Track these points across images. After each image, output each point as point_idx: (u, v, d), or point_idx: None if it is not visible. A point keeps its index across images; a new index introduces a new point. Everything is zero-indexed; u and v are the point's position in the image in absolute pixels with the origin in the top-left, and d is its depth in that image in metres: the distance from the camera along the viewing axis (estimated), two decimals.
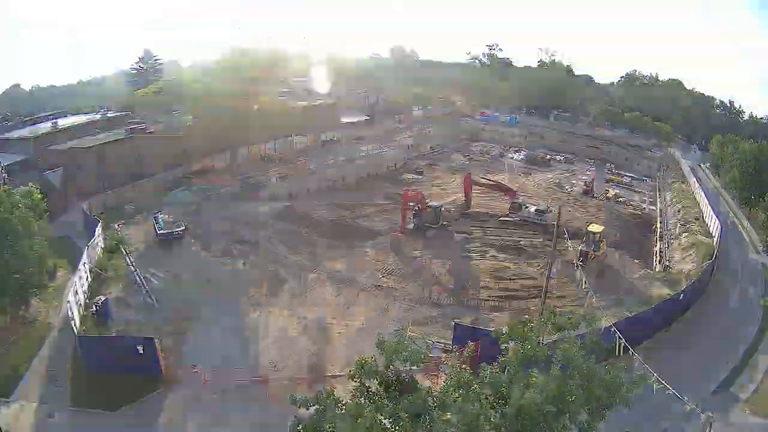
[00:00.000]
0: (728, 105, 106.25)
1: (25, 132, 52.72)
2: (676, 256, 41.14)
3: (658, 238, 45.47)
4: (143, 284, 32.42)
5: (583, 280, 34.77)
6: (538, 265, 37.57)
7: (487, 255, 39.70)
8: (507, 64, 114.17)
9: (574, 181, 64.80)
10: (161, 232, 39.15)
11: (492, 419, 11.43)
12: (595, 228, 39.17)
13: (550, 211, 44.80)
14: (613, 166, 74.47)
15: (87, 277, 31.69)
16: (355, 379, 13.64)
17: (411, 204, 43.62)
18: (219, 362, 24.93)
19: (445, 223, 44.42)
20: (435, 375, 22.15)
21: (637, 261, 40.51)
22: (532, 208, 46.75)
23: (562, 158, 79.30)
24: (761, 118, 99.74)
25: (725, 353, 27.75)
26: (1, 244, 25.49)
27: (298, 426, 13.50)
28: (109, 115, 61.66)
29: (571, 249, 38.12)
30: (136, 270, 34.25)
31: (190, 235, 40.00)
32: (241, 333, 28.12)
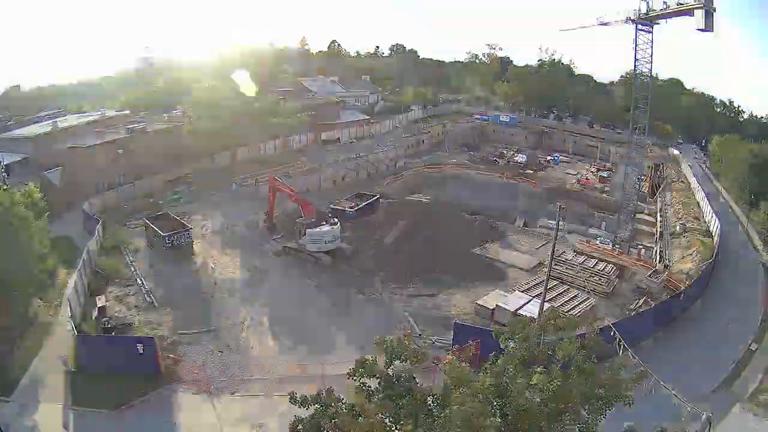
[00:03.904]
0: (728, 104, 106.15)
1: (25, 132, 52.69)
2: (676, 255, 41.15)
3: (658, 238, 45.49)
4: (143, 283, 32.43)
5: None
6: None
7: None
8: (507, 62, 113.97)
9: (573, 182, 65.08)
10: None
11: (492, 418, 11.41)
12: None
13: None
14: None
15: (87, 277, 31.71)
16: (355, 378, 13.63)
17: None
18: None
19: None
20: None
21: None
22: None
23: (559, 157, 79.43)
24: (761, 118, 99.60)
25: (725, 352, 27.73)
26: (1, 243, 25.45)
27: (298, 426, 13.50)
28: (109, 115, 61.60)
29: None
30: (135, 269, 34.29)
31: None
32: None
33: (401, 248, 38.94)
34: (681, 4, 37.13)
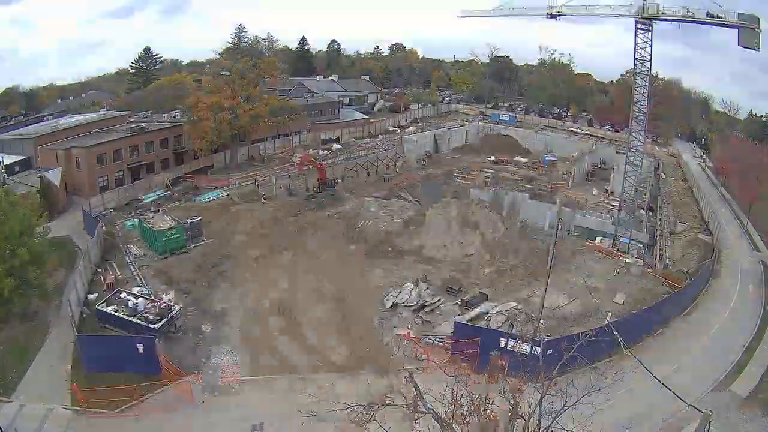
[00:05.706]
0: (728, 103, 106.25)
1: (25, 132, 52.74)
2: (676, 253, 41.17)
3: (658, 237, 45.51)
4: (143, 283, 32.47)
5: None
6: None
7: None
8: (507, 62, 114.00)
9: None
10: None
11: None
12: None
13: None
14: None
15: (86, 276, 31.76)
16: None
17: None
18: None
19: None
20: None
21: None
22: None
23: (556, 158, 79.22)
24: (760, 116, 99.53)
25: (725, 352, 27.78)
26: (1, 243, 25.49)
27: None
28: (109, 114, 61.63)
29: None
30: (135, 269, 34.34)
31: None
32: None
33: None
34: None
